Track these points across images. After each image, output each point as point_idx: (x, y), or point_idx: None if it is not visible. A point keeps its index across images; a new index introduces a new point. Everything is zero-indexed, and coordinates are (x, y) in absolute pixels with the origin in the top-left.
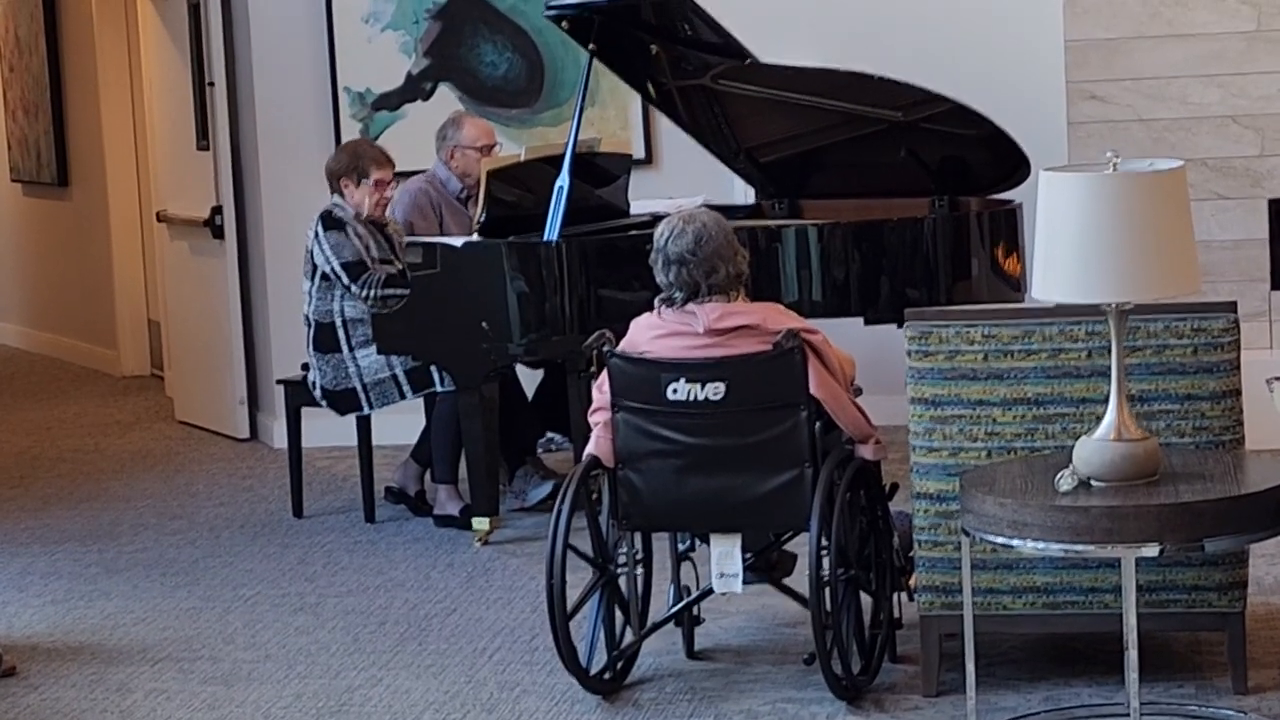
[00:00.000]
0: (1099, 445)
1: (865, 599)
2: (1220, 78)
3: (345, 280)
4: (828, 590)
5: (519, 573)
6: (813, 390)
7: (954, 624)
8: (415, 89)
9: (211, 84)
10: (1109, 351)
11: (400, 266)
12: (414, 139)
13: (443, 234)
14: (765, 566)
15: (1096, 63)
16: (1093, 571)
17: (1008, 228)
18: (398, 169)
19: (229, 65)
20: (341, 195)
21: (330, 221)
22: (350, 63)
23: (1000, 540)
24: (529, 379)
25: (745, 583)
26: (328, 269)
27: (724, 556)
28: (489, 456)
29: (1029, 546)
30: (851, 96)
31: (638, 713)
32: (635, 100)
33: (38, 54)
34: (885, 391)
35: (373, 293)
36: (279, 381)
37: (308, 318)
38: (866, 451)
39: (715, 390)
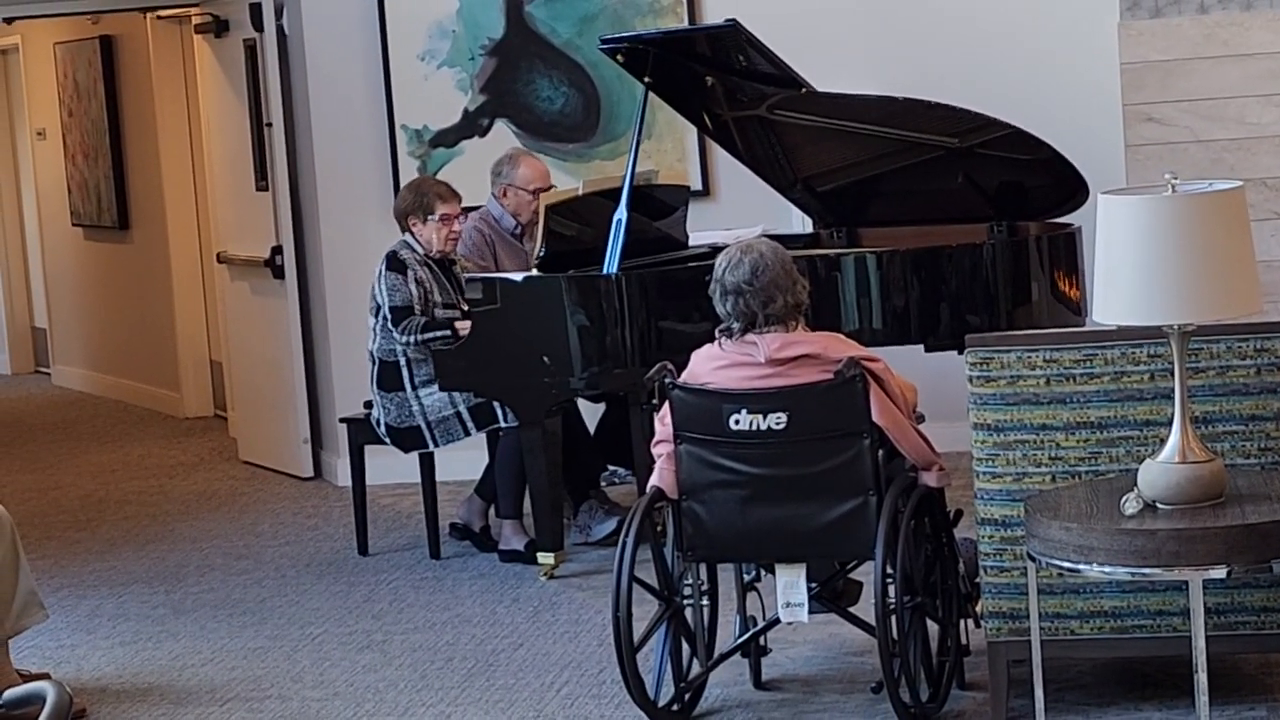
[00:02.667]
0: (1164, 468)
1: (932, 626)
2: (1278, 97)
3: (390, 323)
4: (894, 618)
5: (585, 606)
6: (875, 418)
7: (1022, 650)
8: (472, 125)
9: (269, 124)
10: (1171, 374)
11: (465, 308)
12: (472, 175)
13: (498, 270)
14: (831, 595)
15: (1153, 85)
16: (1160, 595)
17: (1067, 252)
18: (459, 203)
19: (286, 105)
20: (411, 234)
21: (393, 262)
22: (407, 100)
23: (1066, 565)
24: (591, 412)
25: (811, 612)
26: (384, 309)
27: (789, 586)
28: (553, 491)
29: (1095, 571)
30: (908, 123)
31: None
32: (691, 132)
33: (96, 99)
34: (947, 418)
35: (412, 338)
36: (342, 420)
37: (372, 354)
38: (930, 479)
39: (777, 420)
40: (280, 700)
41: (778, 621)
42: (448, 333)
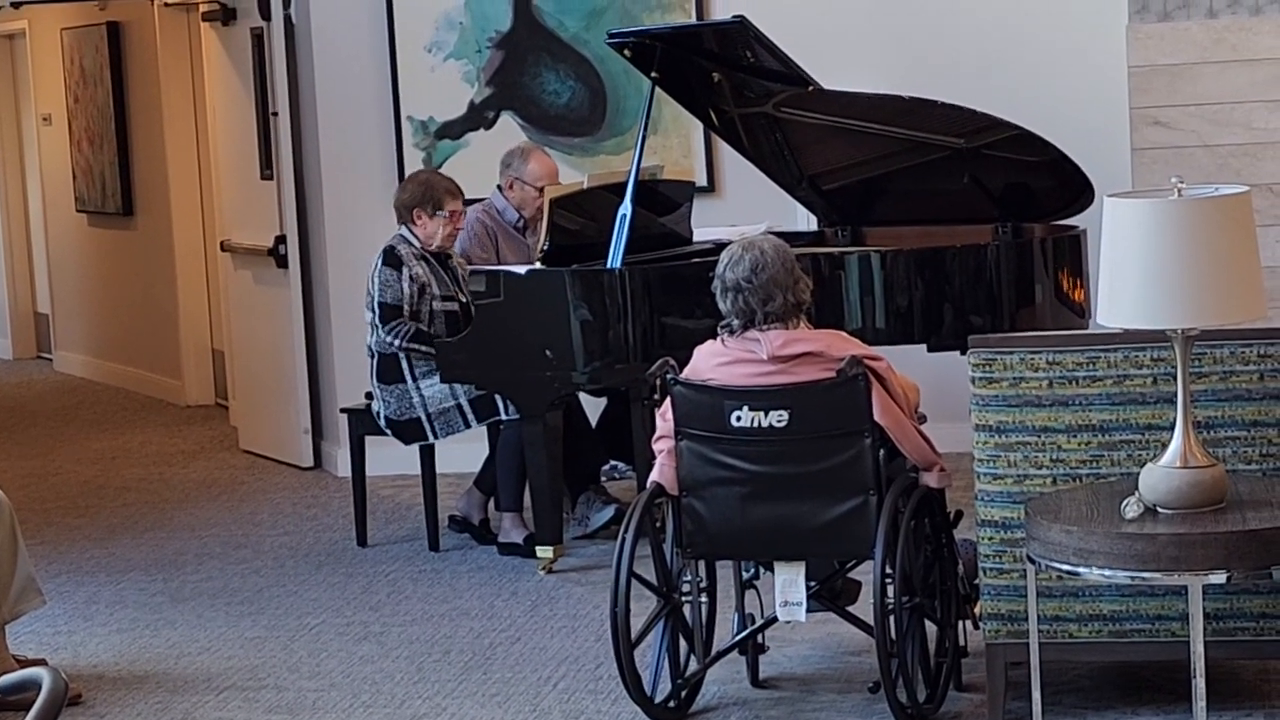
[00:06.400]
0: (1165, 472)
1: (930, 627)
2: None
3: (377, 318)
4: (893, 618)
5: (583, 601)
6: (876, 417)
7: (1020, 652)
8: (478, 118)
9: (275, 113)
10: (1174, 378)
11: (464, 299)
12: (477, 168)
13: (500, 262)
14: (830, 594)
15: (1160, 88)
16: (1159, 599)
17: (1071, 254)
18: (463, 201)
19: (292, 94)
20: (411, 226)
21: (389, 258)
22: (413, 91)
23: (1066, 568)
24: (592, 407)
25: (809, 611)
26: (371, 302)
27: (788, 584)
28: (553, 485)
29: (1095, 574)
30: (914, 123)
31: None
32: (698, 128)
33: (103, 85)
34: (949, 419)
35: (399, 342)
36: (343, 410)
37: (370, 349)
38: (931, 479)
39: (779, 417)
40: (276, 690)
41: (776, 620)
42: (432, 350)
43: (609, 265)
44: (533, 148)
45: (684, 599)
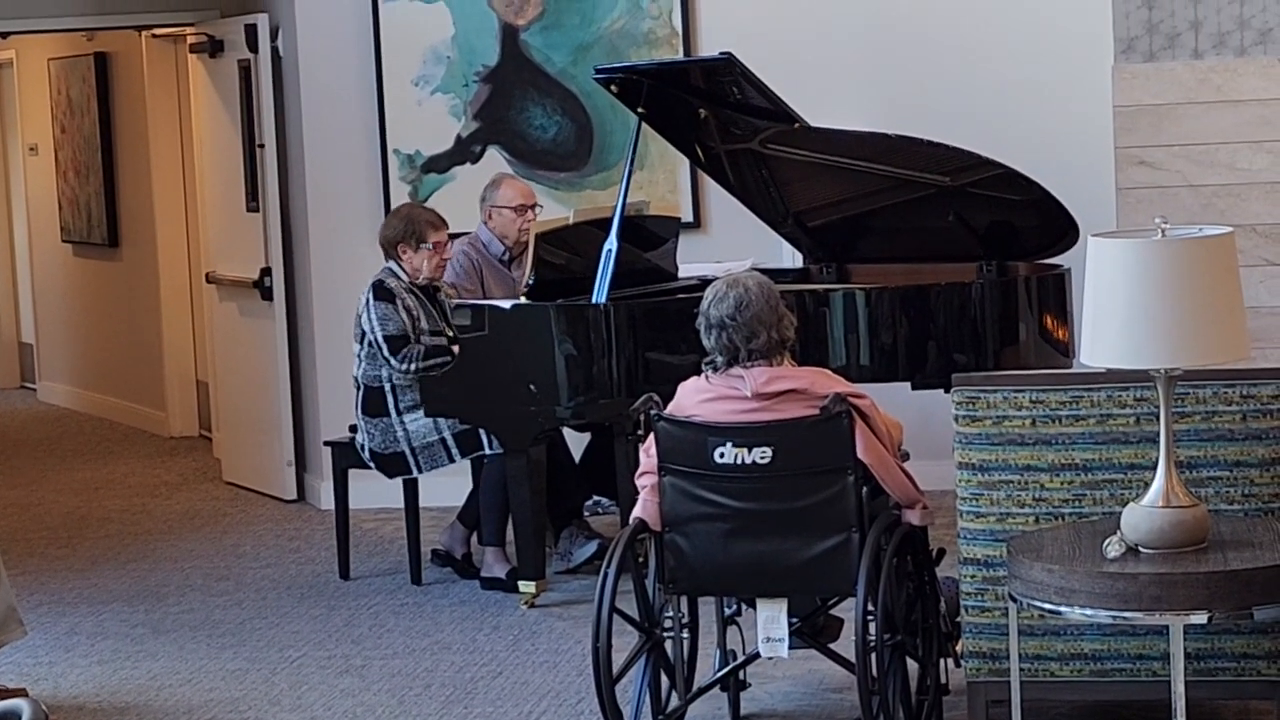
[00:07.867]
0: (1147, 512)
1: (912, 665)
2: (1269, 144)
3: (386, 352)
4: (874, 656)
5: (565, 636)
6: (860, 455)
7: (1001, 690)
8: (464, 151)
9: (261, 145)
10: (1157, 418)
11: (451, 334)
12: (463, 201)
13: (485, 296)
14: (812, 631)
15: (1145, 128)
16: (1140, 639)
17: (1056, 293)
18: (447, 231)
19: (279, 127)
20: (399, 261)
21: (380, 292)
22: (400, 125)
23: (1048, 607)
24: (576, 442)
25: (791, 647)
26: (373, 338)
27: (770, 621)
28: (536, 519)
29: (1076, 613)
30: (900, 161)
31: None
32: (684, 164)
33: (89, 115)
34: (932, 456)
35: (413, 366)
36: (326, 443)
37: (356, 380)
38: (914, 517)
39: (762, 454)
40: None
41: (758, 656)
42: (448, 358)
43: (594, 300)
44: (502, 175)
45: (666, 635)
